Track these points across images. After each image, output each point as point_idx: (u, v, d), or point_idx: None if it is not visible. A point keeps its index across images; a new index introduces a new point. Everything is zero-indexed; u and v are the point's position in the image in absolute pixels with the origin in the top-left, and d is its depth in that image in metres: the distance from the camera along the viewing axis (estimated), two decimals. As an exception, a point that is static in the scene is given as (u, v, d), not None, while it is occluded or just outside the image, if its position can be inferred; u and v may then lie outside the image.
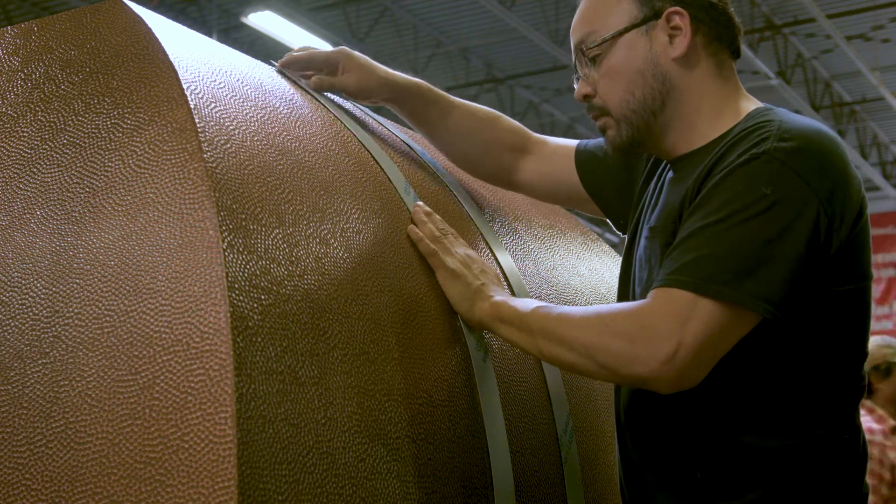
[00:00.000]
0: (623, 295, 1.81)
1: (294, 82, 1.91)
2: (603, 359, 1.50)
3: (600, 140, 2.01)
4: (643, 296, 1.67)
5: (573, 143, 2.07)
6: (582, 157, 2.01)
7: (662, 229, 1.64)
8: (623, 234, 1.97)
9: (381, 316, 1.57)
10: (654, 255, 1.66)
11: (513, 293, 1.91)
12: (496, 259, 1.96)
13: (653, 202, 1.76)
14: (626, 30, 1.67)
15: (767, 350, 1.55)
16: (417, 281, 1.70)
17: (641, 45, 1.67)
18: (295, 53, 1.98)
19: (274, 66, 1.96)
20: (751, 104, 1.70)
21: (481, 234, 1.98)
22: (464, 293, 1.70)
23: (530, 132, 2.10)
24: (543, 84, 14.53)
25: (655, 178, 1.82)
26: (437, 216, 1.79)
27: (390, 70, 2.01)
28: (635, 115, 1.69)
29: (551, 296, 2.07)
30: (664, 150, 1.74)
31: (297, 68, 1.96)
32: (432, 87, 2.04)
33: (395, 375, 1.54)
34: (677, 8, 1.66)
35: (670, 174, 1.74)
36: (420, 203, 1.79)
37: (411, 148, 2.07)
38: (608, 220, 2.03)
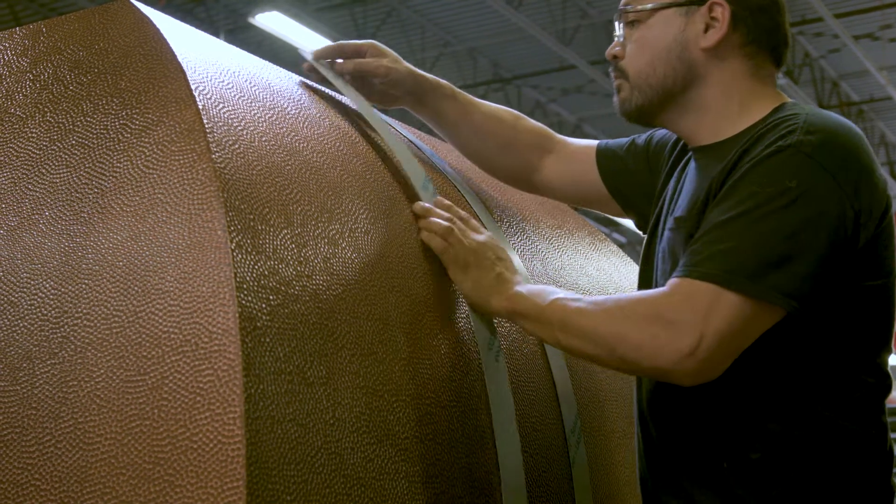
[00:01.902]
0: (644, 287, 1.79)
1: (304, 84, 1.91)
2: (623, 351, 1.49)
3: (621, 140, 2.01)
4: None
5: (594, 143, 2.07)
6: (603, 155, 2.01)
7: (687, 220, 1.63)
8: (644, 232, 1.96)
9: (389, 316, 1.57)
10: (677, 246, 1.64)
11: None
12: (504, 259, 1.96)
13: (676, 193, 1.75)
14: (668, 6, 1.69)
15: (794, 343, 1.54)
16: (426, 281, 1.69)
17: (676, 26, 1.68)
18: (325, 46, 2.00)
19: (307, 56, 1.98)
20: (781, 102, 1.69)
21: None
22: (478, 287, 1.67)
23: (553, 133, 2.11)
24: (550, 84, 14.51)
25: (679, 169, 1.81)
26: (457, 208, 1.77)
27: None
28: (651, 90, 1.71)
29: (559, 296, 2.06)
30: (682, 132, 1.75)
31: (327, 57, 1.98)
32: (454, 86, 2.06)
33: (404, 376, 1.54)
34: (721, 3, 1.67)
35: (693, 164, 1.73)
36: (440, 198, 1.78)
37: (419, 148, 2.07)
38: (630, 219, 2.01)
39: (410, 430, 1.51)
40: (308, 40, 11.60)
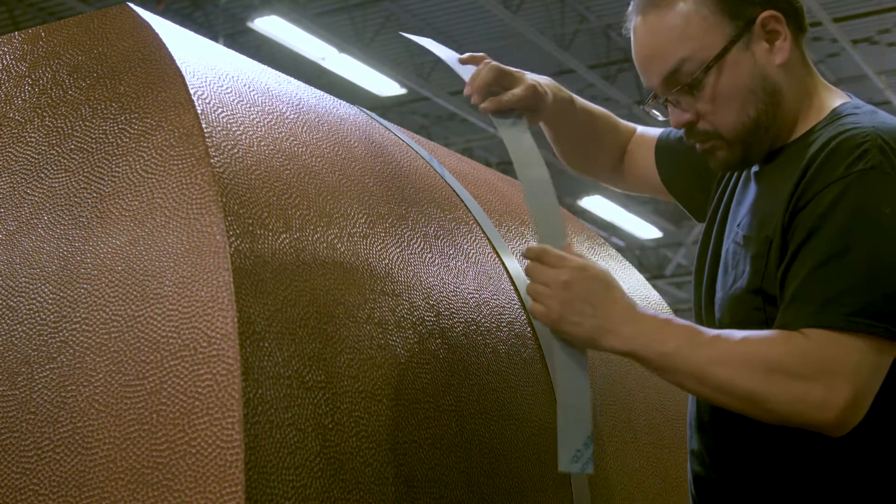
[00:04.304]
0: (697, 288, 1.74)
1: (302, 88, 1.92)
2: (773, 406, 1.44)
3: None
4: (728, 304, 1.61)
5: (656, 132, 2.00)
6: (662, 149, 1.94)
7: (757, 240, 1.57)
8: (700, 221, 1.91)
9: (388, 320, 1.57)
10: (742, 262, 1.59)
11: (519, 298, 1.91)
12: (503, 263, 1.96)
13: (738, 197, 1.70)
14: (727, 49, 1.56)
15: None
16: (426, 284, 1.69)
17: (746, 62, 1.57)
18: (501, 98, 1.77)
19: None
20: (830, 96, 1.65)
21: (488, 238, 1.98)
22: (580, 332, 1.52)
23: (630, 126, 2.06)
24: (549, 88, 14.52)
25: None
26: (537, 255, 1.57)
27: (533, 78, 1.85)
28: (750, 135, 1.60)
29: (558, 300, 2.06)
30: (769, 149, 1.67)
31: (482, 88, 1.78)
32: (569, 93, 1.93)
33: (403, 380, 1.54)
34: (771, 11, 1.57)
35: (756, 169, 1.67)
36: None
37: (418, 153, 2.07)
38: (688, 212, 1.97)
39: (409, 434, 1.51)
40: (306, 45, 11.60)
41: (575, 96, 1.94)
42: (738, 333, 1.49)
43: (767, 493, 1.58)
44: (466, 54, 1.86)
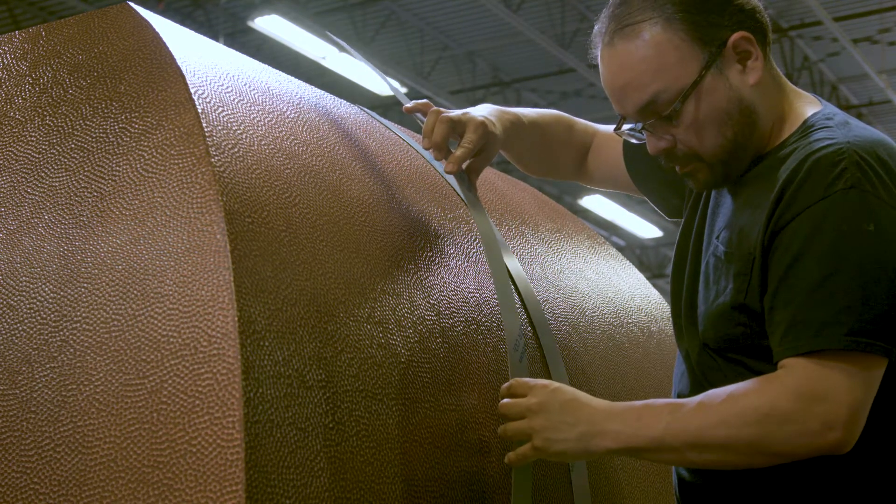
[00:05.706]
0: (676, 297, 1.75)
1: (302, 87, 1.92)
2: (777, 449, 1.45)
3: None
4: (711, 318, 1.62)
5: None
6: (629, 148, 1.94)
7: (738, 257, 1.57)
8: (670, 218, 1.92)
9: (388, 319, 1.57)
10: (724, 278, 1.60)
11: (519, 297, 1.91)
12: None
13: (713, 206, 1.70)
14: (702, 76, 1.56)
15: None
16: (426, 284, 1.70)
17: (721, 86, 1.58)
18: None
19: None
20: (802, 104, 1.65)
21: (488, 237, 1.98)
22: (571, 447, 1.53)
23: (590, 126, 2.07)
24: (550, 87, 14.52)
25: None
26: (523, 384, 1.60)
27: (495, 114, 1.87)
28: (729, 155, 1.60)
29: (558, 299, 2.06)
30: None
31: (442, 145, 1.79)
32: (517, 114, 1.93)
33: (403, 380, 1.54)
34: (742, 32, 1.57)
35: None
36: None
37: (418, 152, 2.07)
38: (659, 211, 1.98)
39: (410, 434, 1.51)
40: (307, 43, 11.61)
41: (520, 112, 1.93)
42: (719, 393, 1.49)
43: (750, 498, 1.59)
44: (412, 102, 1.86)
